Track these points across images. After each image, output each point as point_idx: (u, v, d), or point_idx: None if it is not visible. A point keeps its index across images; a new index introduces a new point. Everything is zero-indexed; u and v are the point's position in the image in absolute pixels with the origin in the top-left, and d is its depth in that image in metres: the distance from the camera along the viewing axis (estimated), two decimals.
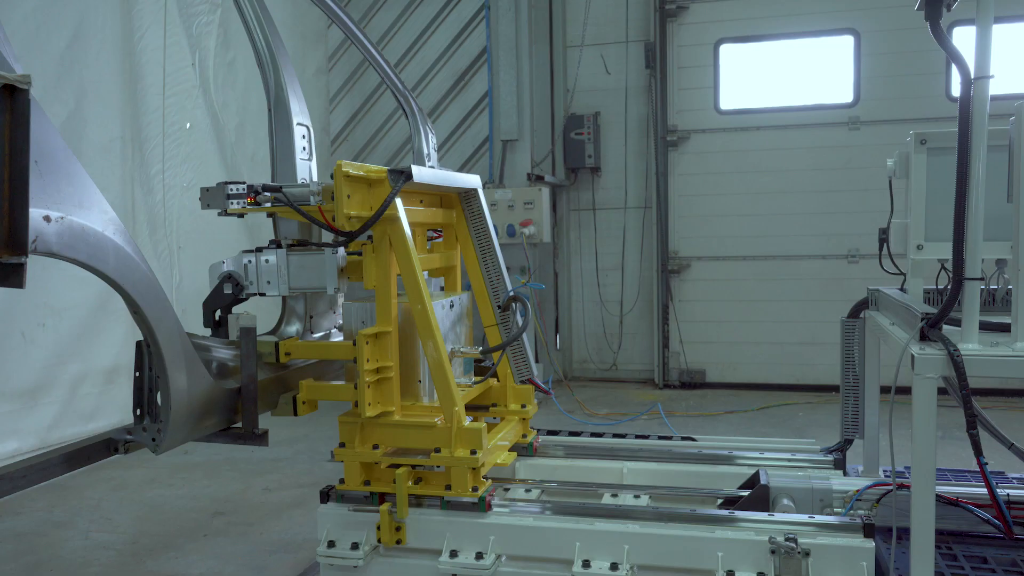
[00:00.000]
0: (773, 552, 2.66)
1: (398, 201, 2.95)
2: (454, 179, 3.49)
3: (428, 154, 4.78)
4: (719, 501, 3.24)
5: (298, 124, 3.46)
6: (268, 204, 2.96)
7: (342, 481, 3.14)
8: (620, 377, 8.97)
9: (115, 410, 5.89)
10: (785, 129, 8.31)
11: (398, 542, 3.01)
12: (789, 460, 3.57)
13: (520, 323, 3.56)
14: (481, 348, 3.43)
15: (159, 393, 2.66)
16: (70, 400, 5.71)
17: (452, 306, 3.43)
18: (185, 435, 2.83)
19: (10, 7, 5.15)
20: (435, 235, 3.78)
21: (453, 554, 2.92)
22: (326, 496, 3.17)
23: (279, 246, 3.10)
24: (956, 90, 5.03)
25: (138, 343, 2.67)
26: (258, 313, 3.11)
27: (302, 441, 6.50)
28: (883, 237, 3.49)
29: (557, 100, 8.86)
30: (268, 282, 3.04)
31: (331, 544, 3.04)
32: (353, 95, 9.13)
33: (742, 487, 3.33)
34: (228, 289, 3.04)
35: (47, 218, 2.01)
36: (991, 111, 2.42)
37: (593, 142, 8.68)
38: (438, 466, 3.06)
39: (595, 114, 8.73)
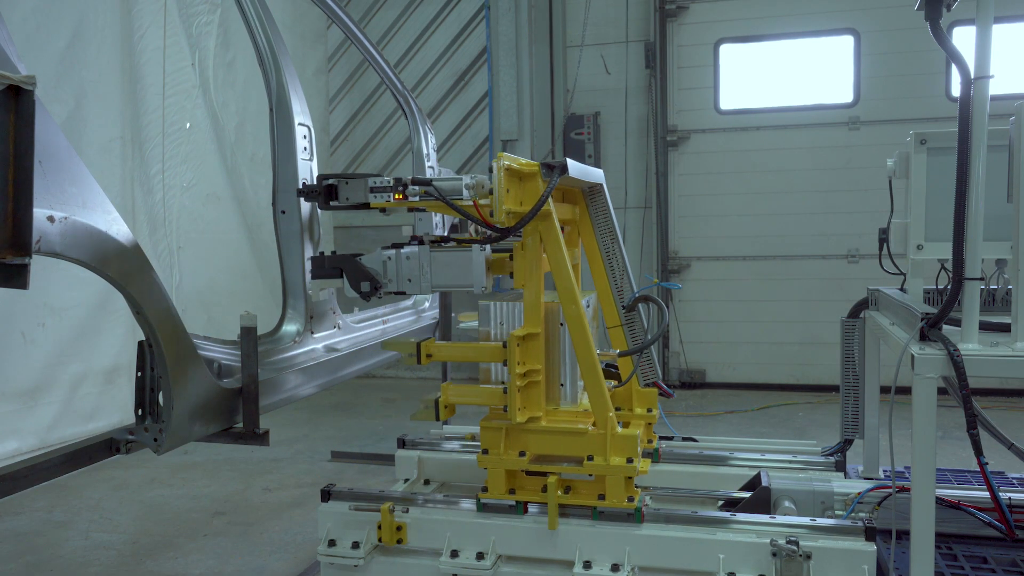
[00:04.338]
0: (774, 555, 2.65)
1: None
2: (587, 173, 3.32)
3: (427, 154, 4.78)
4: (720, 503, 3.24)
5: (299, 124, 3.46)
6: (416, 199, 2.76)
7: (485, 489, 2.98)
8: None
9: (115, 410, 5.88)
10: (785, 129, 8.31)
11: (399, 542, 3.00)
12: (790, 461, 3.57)
13: (657, 325, 3.39)
14: (619, 351, 3.28)
15: (161, 393, 2.66)
16: (70, 400, 5.71)
17: (587, 306, 3.29)
18: (187, 435, 2.82)
19: (10, 7, 5.13)
20: None
21: (454, 554, 2.91)
22: (327, 495, 3.16)
23: (420, 242, 2.94)
24: (956, 90, 5.04)
25: (140, 343, 2.67)
26: (258, 313, 3.11)
27: (302, 441, 6.49)
28: (883, 237, 3.50)
29: (557, 100, 8.85)
30: (409, 280, 2.90)
31: (331, 543, 3.04)
32: (353, 95, 9.13)
33: (743, 488, 3.33)
34: (366, 288, 2.90)
35: (51, 218, 2.00)
36: (991, 111, 2.43)
37: (593, 142, 8.67)
38: (590, 475, 2.89)
39: (595, 114, 8.73)
